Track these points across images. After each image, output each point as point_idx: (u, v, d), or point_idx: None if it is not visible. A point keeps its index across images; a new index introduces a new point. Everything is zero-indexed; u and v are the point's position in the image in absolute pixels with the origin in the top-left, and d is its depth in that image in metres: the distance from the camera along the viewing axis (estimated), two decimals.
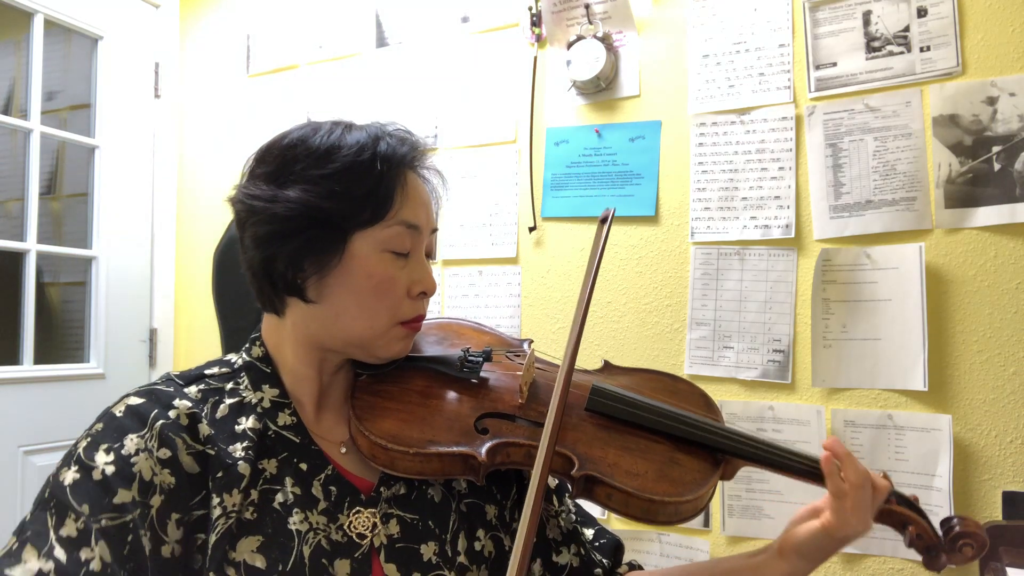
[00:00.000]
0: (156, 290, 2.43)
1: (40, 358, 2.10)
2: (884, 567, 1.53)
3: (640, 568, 0.92)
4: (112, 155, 2.31)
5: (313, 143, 0.77)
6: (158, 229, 2.44)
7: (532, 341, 0.98)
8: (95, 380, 2.23)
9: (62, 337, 2.27)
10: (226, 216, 0.83)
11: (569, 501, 0.94)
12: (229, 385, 0.78)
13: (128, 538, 0.65)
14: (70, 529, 0.63)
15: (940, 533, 0.81)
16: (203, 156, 2.48)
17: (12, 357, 2.05)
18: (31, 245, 2.09)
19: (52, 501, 0.65)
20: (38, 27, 2.12)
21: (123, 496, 0.65)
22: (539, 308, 1.93)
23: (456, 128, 2.05)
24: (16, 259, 2.09)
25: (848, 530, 0.75)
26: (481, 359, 0.86)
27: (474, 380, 0.84)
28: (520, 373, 0.85)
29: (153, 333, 2.41)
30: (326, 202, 0.74)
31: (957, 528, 0.79)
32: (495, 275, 1.98)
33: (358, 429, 0.77)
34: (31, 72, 2.11)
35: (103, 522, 0.64)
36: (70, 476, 0.66)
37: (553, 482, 0.93)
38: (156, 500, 0.67)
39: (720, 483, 1.67)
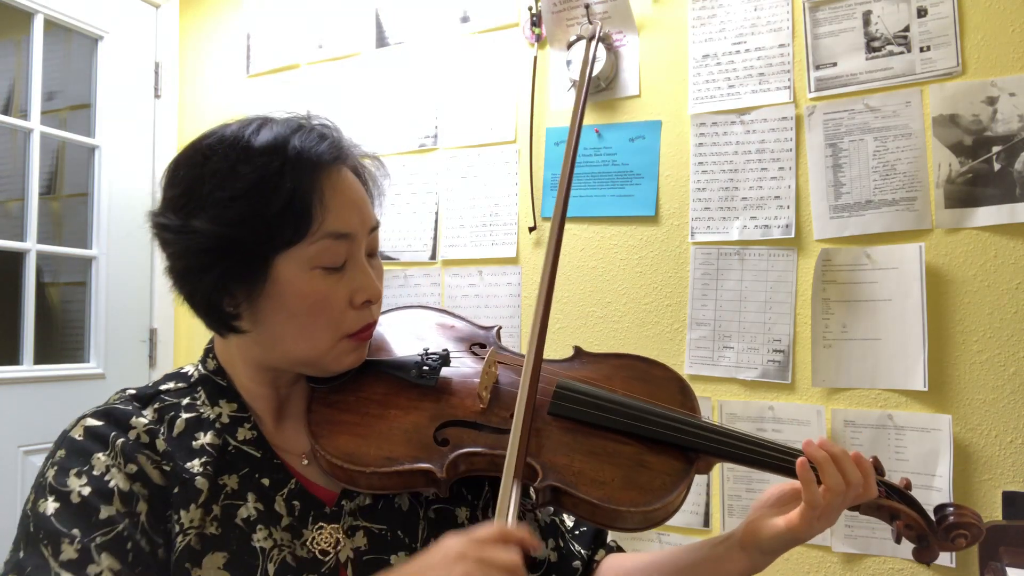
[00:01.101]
0: (156, 290, 2.42)
1: (40, 358, 2.10)
2: (884, 567, 1.53)
3: (620, 550, 0.91)
4: (112, 155, 2.31)
5: (218, 157, 0.70)
6: None
7: (499, 328, 0.94)
8: (95, 380, 2.23)
9: (62, 337, 2.27)
10: None
11: None
12: (185, 400, 0.75)
13: (127, 545, 0.64)
14: (69, 553, 0.62)
15: (934, 520, 0.78)
16: None
17: (12, 357, 2.05)
18: (31, 245, 2.09)
19: (40, 533, 0.63)
20: (38, 27, 2.12)
21: (107, 511, 0.64)
22: None
23: (456, 128, 2.05)
24: (16, 259, 2.09)
25: (813, 533, 0.73)
26: (439, 364, 0.81)
27: (433, 386, 0.80)
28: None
29: (153, 333, 2.41)
30: (237, 230, 0.67)
31: (952, 518, 0.76)
32: (495, 275, 1.98)
33: (315, 447, 0.75)
34: (31, 72, 2.11)
35: (98, 539, 0.63)
36: (50, 506, 0.64)
37: None
38: (142, 507, 0.66)
39: (720, 483, 1.68)
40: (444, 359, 0.82)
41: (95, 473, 0.66)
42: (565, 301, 1.89)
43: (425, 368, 0.80)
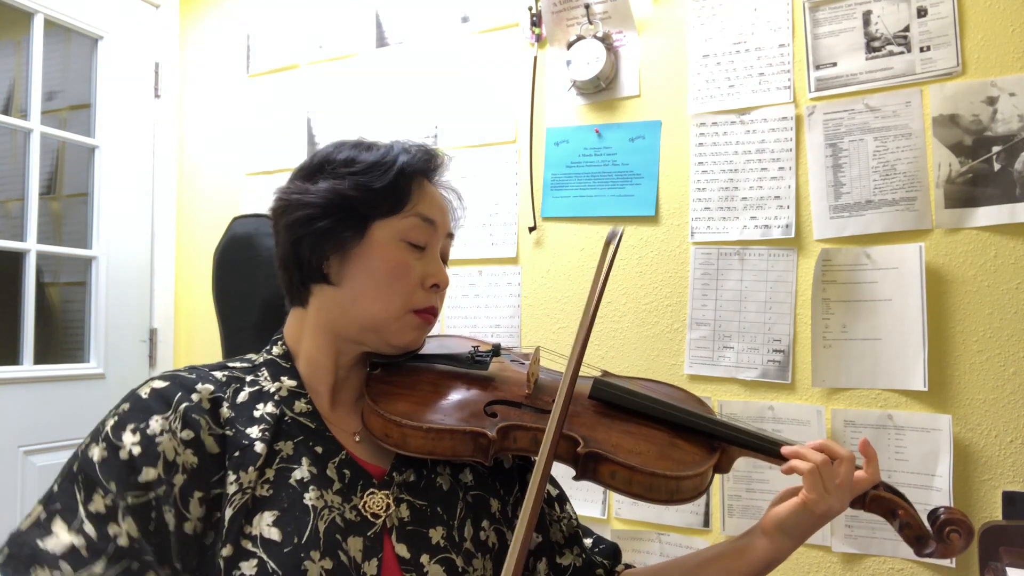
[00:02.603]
0: (156, 290, 2.43)
1: (40, 358, 2.10)
2: (884, 567, 1.53)
3: (632, 566, 0.96)
4: (112, 155, 2.31)
5: (341, 151, 0.86)
6: (158, 229, 2.44)
7: (538, 348, 1.02)
8: (95, 380, 2.23)
9: (62, 337, 2.27)
10: (226, 216, 0.85)
11: (570, 509, 0.97)
12: (249, 377, 0.82)
13: (152, 515, 0.68)
14: (98, 505, 0.67)
15: (927, 524, 0.83)
16: (203, 156, 2.47)
17: (12, 357, 2.05)
18: (31, 245, 2.09)
19: (80, 475, 0.68)
20: (38, 27, 2.12)
21: (148, 474, 0.69)
22: (539, 308, 1.93)
23: (456, 128, 2.05)
24: (16, 259, 2.09)
25: (825, 506, 0.79)
26: (490, 354, 0.91)
27: (483, 372, 0.89)
28: (527, 366, 0.91)
29: (153, 333, 2.41)
30: (351, 191, 0.82)
31: (943, 516, 0.82)
32: (495, 275, 1.98)
33: (372, 409, 0.80)
34: (31, 72, 2.11)
35: (129, 499, 0.67)
36: (98, 452, 0.69)
37: (553, 491, 0.96)
38: (179, 479, 0.70)
39: (720, 483, 1.68)
40: (496, 349, 0.93)
41: (149, 433, 0.71)
42: (565, 301, 1.90)
43: (478, 356, 0.90)
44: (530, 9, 1.93)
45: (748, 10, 1.71)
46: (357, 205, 0.82)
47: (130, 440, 0.70)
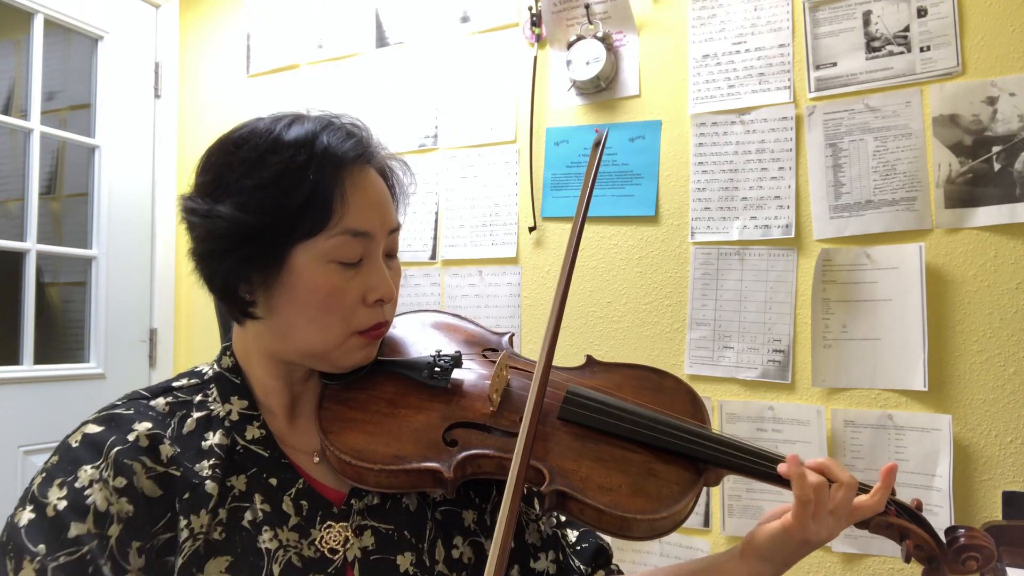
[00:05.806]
0: (156, 290, 2.43)
1: (40, 358, 2.10)
2: (884, 567, 1.53)
3: (620, 574, 0.90)
4: (112, 155, 2.31)
5: (248, 147, 0.71)
6: (158, 229, 2.44)
7: (512, 334, 0.95)
8: (95, 380, 2.23)
9: (62, 337, 2.27)
10: None
11: None
12: (198, 398, 0.76)
13: (89, 570, 0.63)
14: (27, 572, 0.62)
15: (944, 542, 0.77)
16: None
17: (12, 357, 2.05)
18: (31, 245, 2.09)
19: (9, 545, 0.64)
20: (38, 27, 2.12)
21: (77, 529, 0.64)
22: (539, 308, 1.93)
23: (456, 128, 2.05)
24: (16, 259, 2.09)
25: (808, 535, 0.73)
26: (450, 366, 0.81)
27: (444, 387, 0.80)
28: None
29: (153, 333, 2.41)
30: (259, 218, 0.69)
31: (963, 540, 0.75)
32: (495, 275, 1.98)
33: (324, 444, 0.75)
34: (31, 72, 2.11)
35: (60, 559, 0.63)
36: (25, 517, 0.65)
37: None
38: (114, 530, 0.65)
39: (720, 484, 1.67)
40: (456, 361, 0.82)
41: (77, 486, 0.66)
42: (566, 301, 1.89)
43: (437, 369, 0.80)
44: (530, 9, 1.93)
45: (748, 10, 1.71)
46: (269, 232, 0.69)
47: (56, 496, 0.64)
